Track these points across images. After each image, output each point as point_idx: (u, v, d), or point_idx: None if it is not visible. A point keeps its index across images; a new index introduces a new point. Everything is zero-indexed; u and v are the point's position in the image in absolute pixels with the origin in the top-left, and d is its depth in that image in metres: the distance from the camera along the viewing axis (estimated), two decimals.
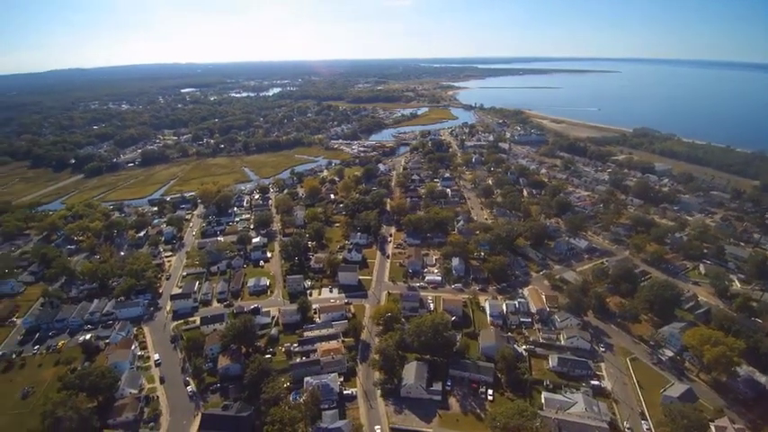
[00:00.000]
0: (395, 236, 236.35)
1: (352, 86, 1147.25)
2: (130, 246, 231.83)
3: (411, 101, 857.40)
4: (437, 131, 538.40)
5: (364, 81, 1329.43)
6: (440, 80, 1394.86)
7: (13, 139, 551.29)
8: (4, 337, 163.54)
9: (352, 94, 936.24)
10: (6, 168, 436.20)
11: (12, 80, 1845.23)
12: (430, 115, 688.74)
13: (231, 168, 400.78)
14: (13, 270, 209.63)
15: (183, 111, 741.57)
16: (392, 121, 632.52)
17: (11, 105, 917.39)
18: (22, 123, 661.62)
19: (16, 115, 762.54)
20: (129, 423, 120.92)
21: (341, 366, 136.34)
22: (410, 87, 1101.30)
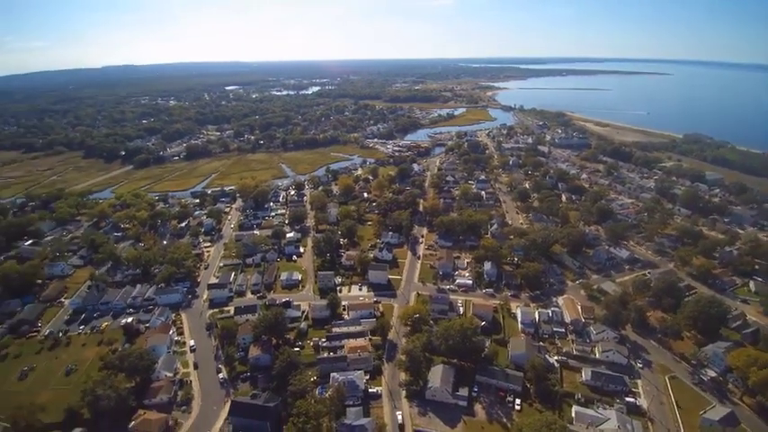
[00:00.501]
0: (426, 237, 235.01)
1: (389, 86, 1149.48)
2: (172, 235, 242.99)
3: (448, 101, 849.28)
4: (474, 133, 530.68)
5: (402, 81, 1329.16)
6: (479, 80, 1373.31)
7: (69, 130, 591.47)
8: (53, 316, 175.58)
9: (389, 94, 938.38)
10: (62, 158, 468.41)
11: (70, 74, 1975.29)
12: (467, 116, 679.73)
13: (269, 164, 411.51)
14: (63, 253, 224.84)
15: (226, 107, 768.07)
16: (428, 121, 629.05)
17: (68, 98, 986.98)
18: (78, 116, 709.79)
19: (73, 107, 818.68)
20: (163, 404, 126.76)
21: (367, 364, 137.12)
22: (448, 87, 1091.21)
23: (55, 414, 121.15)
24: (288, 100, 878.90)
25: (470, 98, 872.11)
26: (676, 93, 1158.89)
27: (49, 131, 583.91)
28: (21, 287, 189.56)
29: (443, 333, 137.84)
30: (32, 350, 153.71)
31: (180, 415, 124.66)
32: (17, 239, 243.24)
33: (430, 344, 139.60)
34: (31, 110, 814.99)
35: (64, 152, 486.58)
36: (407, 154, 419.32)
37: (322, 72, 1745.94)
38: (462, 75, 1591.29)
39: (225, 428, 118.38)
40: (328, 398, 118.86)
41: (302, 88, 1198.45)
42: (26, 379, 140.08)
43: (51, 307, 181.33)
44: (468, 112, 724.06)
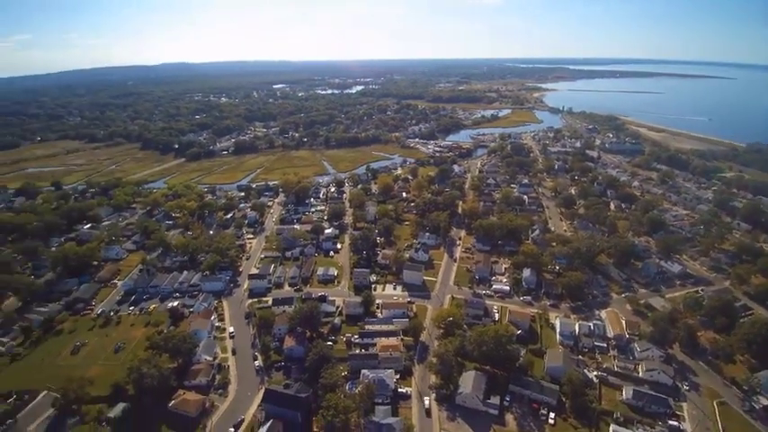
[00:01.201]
0: (464, 239, 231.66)
1: (433, 86, 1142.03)
2: (218, 226, 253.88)
3: (493, 102, 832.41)
4: (518, 135, 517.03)
5: (446, 81, 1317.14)
6: (525, 81, 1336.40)
7: (128, 123, 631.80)
8: (106, 296, 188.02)
9: (432, 94, 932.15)
10: (121, 149, 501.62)
11: (129, 71, 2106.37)
12: (512, 117, 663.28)
13: (312, 161, 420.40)
14: (119, 238, 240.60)
15: (273, 105, 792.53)
16: (471, 122, 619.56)
17: (128, 93, 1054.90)
18: (137, 110, 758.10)
19: (132, 102, 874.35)
20: (201, 386, 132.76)
21: (398, 364, 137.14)
22: (493, 88, 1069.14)
23: (102, 388, 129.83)
24: (332, 99, 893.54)
25: (516, 99, 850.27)
26: (741, 98, 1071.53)
27: (109, 124, 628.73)
28: (78, 267, 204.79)
29: (477, 338, 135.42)
30: (85, 327, 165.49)
31: (216, 398, 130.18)
32: (77, 223, 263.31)
33: (463, 348, 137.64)
34: (93, 103, 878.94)
35: (123, 143, 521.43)
36: (448, 155, 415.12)
37: (366, 71, 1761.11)
38: (509, 75, 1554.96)
39: (258, 414, 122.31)
40: (358, 394, 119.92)
41: (346, 87, 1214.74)
42: (78, 354, 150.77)
43: (105, 287, 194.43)
44: (513, 113, 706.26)
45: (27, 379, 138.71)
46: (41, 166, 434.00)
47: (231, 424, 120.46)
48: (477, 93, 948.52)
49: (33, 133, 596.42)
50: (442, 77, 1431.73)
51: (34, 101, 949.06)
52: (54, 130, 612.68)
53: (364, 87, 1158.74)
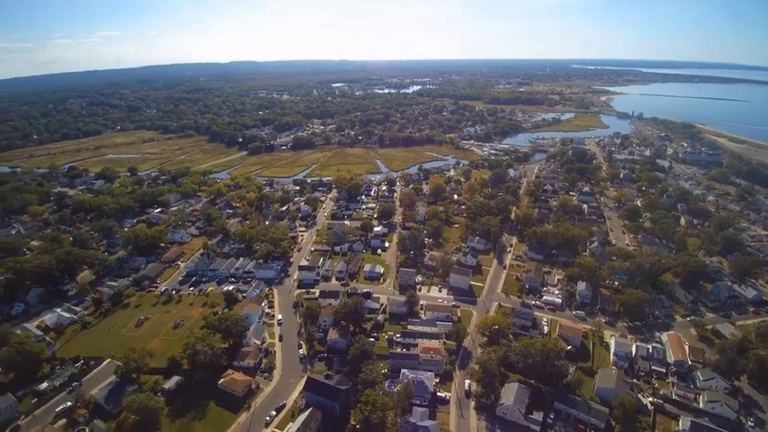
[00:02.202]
0: (515, 247, 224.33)
1: (491, 87, 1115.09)
2: (274, 217, 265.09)
3: (555, 104, 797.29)
4: (581, 140, 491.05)
5: (506, 82, 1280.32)
6: (592, 83, 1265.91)
7: (198, 116, 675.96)
8: (170, 275, 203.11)
9: (490, 95, 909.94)
10: (191, 140, 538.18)
11: (203, 68, 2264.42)
12: (575, 121, 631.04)
13: (365, 159, 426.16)
14: (184, 223, 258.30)
15: (331, 103, 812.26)
16: (530, 125, 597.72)
17: (199, 88, 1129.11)
18: (207, 104, 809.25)
19: (202, 97, 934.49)
20: (249, 368, 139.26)
21: (438, 367, 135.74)
22: (556, 90, 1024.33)
23: (160, 360, 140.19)
24: (388, 98, 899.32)
25: (581, 102, 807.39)
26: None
27: (182, 117, 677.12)
28: (147, 248, 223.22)
29: (523, 350, 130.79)
30: (149, 303, 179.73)
31: (262, 380, 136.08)
32: (149, 207, 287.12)
33: (507, 359, 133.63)
34: (168, 97, 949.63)
35: (193, 135, 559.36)
36: (504, 158, 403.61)
37: (424, 71, 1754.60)
38: (574, 77, 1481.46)
39: (299, 401, 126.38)
40: (396, 393, 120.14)
41: (404, 87, 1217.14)
42: (141, 327, 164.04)
43: (169, 267, 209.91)
44: (577, 117, 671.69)
45: (94, 346, 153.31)
46: (120, 153, 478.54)
47: (273, 407, 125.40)
48: (539, 95, 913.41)
49: (114, 122, 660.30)
50: (501, 78, 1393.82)
51: (117, 93, 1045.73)
52: (133, 121, 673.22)
53: (421, 87, 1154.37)
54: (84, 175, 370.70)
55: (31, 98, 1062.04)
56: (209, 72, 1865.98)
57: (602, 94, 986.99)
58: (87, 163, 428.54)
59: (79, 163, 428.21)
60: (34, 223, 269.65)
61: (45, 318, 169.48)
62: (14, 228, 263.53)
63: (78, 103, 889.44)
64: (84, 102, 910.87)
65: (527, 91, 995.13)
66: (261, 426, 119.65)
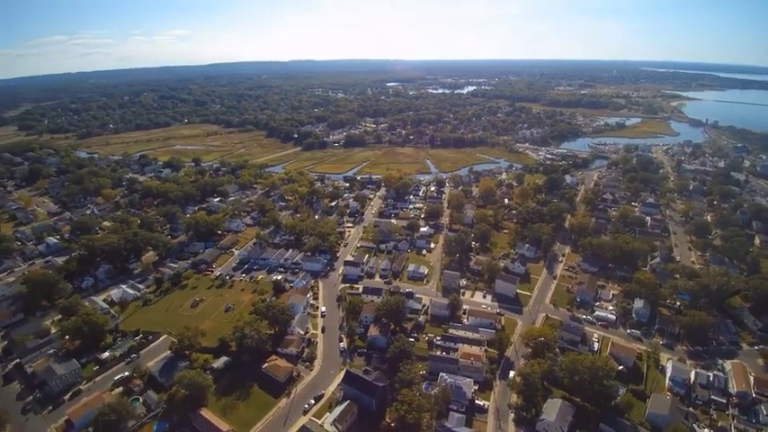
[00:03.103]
0: (568, 257, 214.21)
1: (551, 88, 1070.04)
2: (323, 212, 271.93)
3: (620, 109, 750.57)
4: (647, 147, 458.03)
5: (567, 83, 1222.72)
6: (662, 87, 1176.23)
7: (258, 112, 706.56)
8: (224, 261, 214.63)
9: (549, 97, 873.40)
10: (250, 134, 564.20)
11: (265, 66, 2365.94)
12: (641, 127, 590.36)
13: (415, 159, 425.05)
14: (240, 213, 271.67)
15: (384, 102, 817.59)
16: (592, 129, 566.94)
17: (260, 86, 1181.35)
18: (266, 101, 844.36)
19: (263, 94, 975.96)
20: (291, 356, 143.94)
21: (478, 374, 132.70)
22: (622, 93, 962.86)
23: (211, 340, 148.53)
24: (442, 98, 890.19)
25: (648, 107, 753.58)
26: None
27: (243, 112, 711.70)
28: (205, 234, 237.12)
29: (570, 366, 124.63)
30: (205, 285, 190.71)
31: (303, 369, 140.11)
32: (209, 196, 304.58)
33: (551, 373, 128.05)
34: (232, 93, 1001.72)
35: (252, 130, 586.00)
36: (561, 163, 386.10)
37: (480, 72, 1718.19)
38: (642, 80, 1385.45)
39: (337, 393, 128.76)
40: (434, 395, 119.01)
41: (458, 87, 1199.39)
42: (196, 307, 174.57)
43: (224, 254, 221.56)
44: (644, 123, 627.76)
45: (153, 322, 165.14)
46: (186, 145, 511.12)
47: (312, 396, 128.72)
48: (603, 98, 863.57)
49: (182, 116, 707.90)
50: (562, 80, 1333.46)
51: (186, 88, 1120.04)
52: (199, 115, 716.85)
53: (476, 88, 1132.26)
54: (153, 164, 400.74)
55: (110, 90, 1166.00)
56: (271, 70, 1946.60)
57: (673, 99, 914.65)
58: (156, 152, 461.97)
59: (149, 152, 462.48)
60: (107, 205, 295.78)
61: (111, 292, 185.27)
62: (89, 208, 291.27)
63: (151, 97, 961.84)
64: (156, 95, 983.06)
65: (590, 93, 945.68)
66: (299, 413, 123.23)
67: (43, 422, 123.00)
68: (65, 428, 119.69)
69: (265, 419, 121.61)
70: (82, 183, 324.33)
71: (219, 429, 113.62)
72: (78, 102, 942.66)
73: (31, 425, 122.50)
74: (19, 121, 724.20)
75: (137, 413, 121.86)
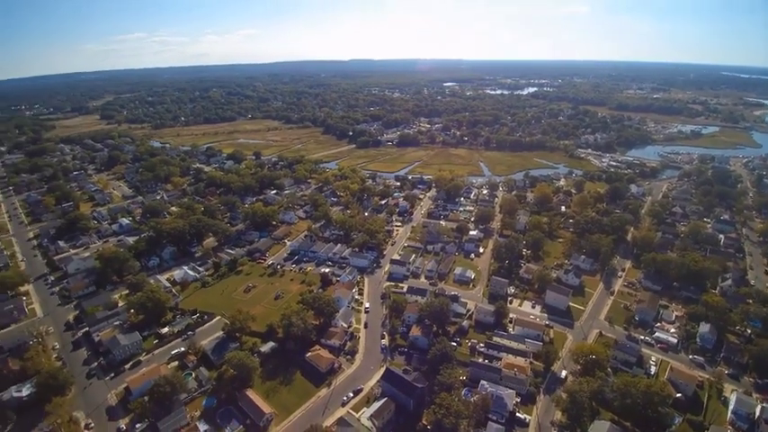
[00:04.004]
0: (628, 272, 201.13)
1: (619, 92, 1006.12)
2: (373, 209, 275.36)
3: (696, 116, 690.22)
4: (725, 159, 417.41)
5: (637, 87, 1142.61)
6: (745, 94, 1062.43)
7: (316, 110, 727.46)
8: (277, 251, 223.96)
9: (617, 100, 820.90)
10: (307, 131, 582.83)
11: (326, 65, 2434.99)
12: (719, 137, 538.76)
13: (468, 160, 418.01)
14: (294, 206, 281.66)
15: (440, 102, 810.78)
16: (663, 137, 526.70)
17: (320, 84, 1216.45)
18: (324, 99, 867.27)
19: (321, 92, 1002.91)
20: (334, 347, 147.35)
21: (521, 386, 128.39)
22: (699, 99, 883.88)
23: (260, 325, 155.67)
24: (500, 99, 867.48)
25: (728, 115, 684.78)
26: None
27: (302, 109, 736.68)
28: (261, 224, 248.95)
29: (622, 388, 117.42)
30: (258, 273, 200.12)
31: (344, 361, 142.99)
32: (267, 188, 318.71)
33: (601, 393, 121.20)
34: (293, 91, 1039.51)
35: (310, 127, 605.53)
36: (626, 171, 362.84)
37: (542, 72, 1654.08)
38: (723, 86, 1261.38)
39: (375, 389, 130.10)
40: (473, 403, 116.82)
41: (518, 88, 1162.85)
42: (249, 293, 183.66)
43: (277, 244, 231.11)
44: (722, 132, 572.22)
45: (209, 303, 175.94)
46: (248, 139, 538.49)
47: (351, 389, 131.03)
48: (677, 103, 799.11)
49: (247, 111, 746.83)
50: (632, 82, 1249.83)
51: (251, 85, 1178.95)
52: (261, 111, 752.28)
53: (537, 89, 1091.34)
54: (218, 155, 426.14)
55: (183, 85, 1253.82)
56: (331, 69, 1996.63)
57: (757, 108, 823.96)
58: (221, 145, 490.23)
59: (215, 144, 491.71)
60: (175, 192, 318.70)
61: (174, 273, 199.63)
62: (159, 194, 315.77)
63: (219, 93, 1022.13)
64: (224, 91, 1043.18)
65: (662, 98, 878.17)
66: (337, 404, 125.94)
67: (104, 387, 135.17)
68: (124, 395, 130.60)
69: (305, 407, 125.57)
70: (154, 170, 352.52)
71: (262, 411, 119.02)
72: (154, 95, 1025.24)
73: (93, 389, 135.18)
74: (101, 110, 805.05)
75: (189, 387, 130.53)
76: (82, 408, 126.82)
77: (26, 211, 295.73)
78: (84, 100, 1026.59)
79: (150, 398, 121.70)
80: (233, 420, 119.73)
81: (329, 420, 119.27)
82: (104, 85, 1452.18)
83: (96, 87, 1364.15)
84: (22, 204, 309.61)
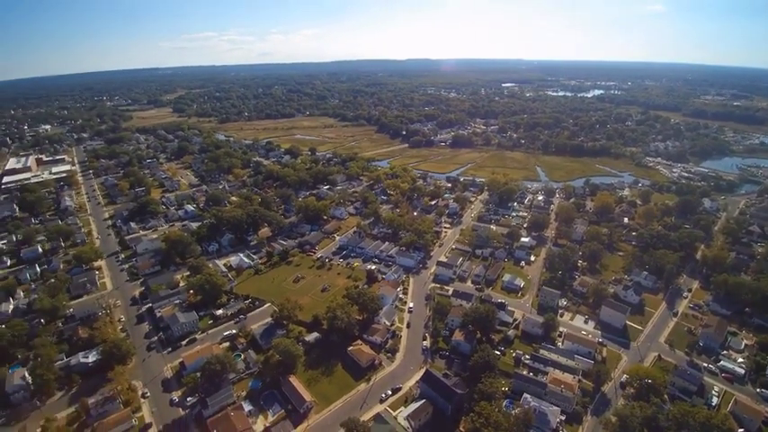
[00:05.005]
0: (695, 293, 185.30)
1: (696, 97, 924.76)
2: (422, 209, 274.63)
3: None
4: None
5: (716, 92, 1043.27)
6: None
7: (371, 108, 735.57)
8: (326, 245, 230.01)
9: (692, 106, 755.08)
10: (361, 129, 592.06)
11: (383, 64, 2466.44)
12: None
13: (524, 164, 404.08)
14: (345, 202, 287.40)
15: (497, 103, 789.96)
16: (743, 148, 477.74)
17: (376, 83, 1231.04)
18: (380, 98, 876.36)
19: (377, 91, 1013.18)
20: (375, 344, 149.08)
21: (567, 404, 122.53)
22: None
23: (306, 315, 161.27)
24: (562, 101, 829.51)
25: None
26: None
27: (358, 107, 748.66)
28: (312, 217, 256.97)
29: (679, 417, 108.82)
30: (307, 265, 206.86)
31: (384, 359, 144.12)
32: (320, 183, 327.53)
33: (655, 421, 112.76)
34: (349, 89, 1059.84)
35: (364, 125, 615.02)
36: (699, 184, 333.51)
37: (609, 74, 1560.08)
38: None
39: (414, 390, 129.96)
40: (514, 416, 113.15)
41: (582, 90, 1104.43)
42: (297, 283, 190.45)
43: (327, 238, 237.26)
44: None
45: (261, 290, 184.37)
46: (305, 135, 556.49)
47: (390, 387, 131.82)
48: (761, 112, 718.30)
49: (305, 108, 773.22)
50: (710, 88, 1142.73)
51: (310, 83, 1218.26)
52: (319, 108, 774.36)
53: (603, 92, 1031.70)
54: (276, 150, 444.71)
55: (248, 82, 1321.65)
56: (388, 68, 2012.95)
57: None
58: (280, 140, 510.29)
59: (274, 139, 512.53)
60: (235, 182, 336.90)
61: (231, 259, 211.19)
62: (222, 184, 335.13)
63: (281, 90, 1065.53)
64: (285, 89, 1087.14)
65: (744, 105, 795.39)
66: (375, 400, 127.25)
67: (161, 360, 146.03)
68: (178, 369, 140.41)
69: (344, 399, 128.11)
70: (218, 161, 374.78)
71: (303, 398, 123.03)
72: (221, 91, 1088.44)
73: (151, 360, 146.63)
74: (173, 104, 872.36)
75: (237, 368, 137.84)
76: (140, 377, 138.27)
77: (103, 194, 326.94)
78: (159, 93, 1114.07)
79: (202, 374, 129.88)
80: (275, 404, 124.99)
81: (366, 415, 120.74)
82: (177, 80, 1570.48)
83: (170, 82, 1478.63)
84: (100, 187, 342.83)
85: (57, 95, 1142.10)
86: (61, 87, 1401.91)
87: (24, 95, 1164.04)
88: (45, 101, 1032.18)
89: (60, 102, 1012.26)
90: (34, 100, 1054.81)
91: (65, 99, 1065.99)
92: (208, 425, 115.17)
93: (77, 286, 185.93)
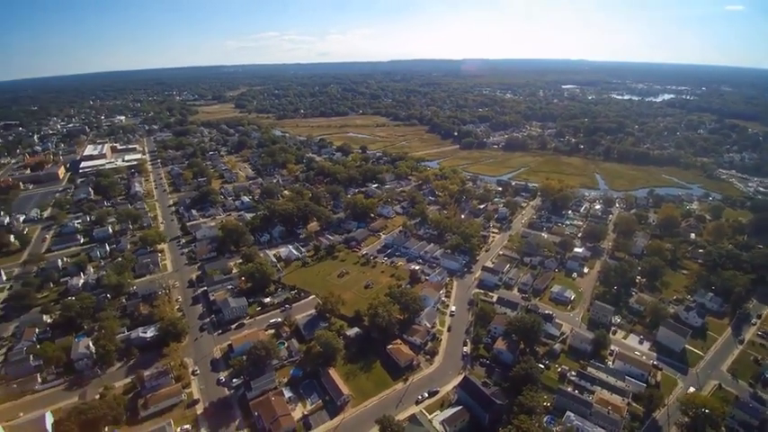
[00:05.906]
0: (765, 320, 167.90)
1: None
2: (470, 212, 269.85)
3: None
4: None
5: None
6: None
7: (424, 108, 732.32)
8: (372, 242, 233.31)
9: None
10: (412, 129, 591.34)
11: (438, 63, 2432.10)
12: None
13: (582, 171, 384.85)
14: (392, 201, 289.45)
15: (556, 106, 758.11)
16: None
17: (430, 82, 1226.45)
18: (433, 98, 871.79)
19: (430, 91, 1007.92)
20: (414, 345, 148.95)
21: (614, 427, 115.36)
22: None
23: (348, 310, 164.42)
24: (627, 105, 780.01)
25: None
26: None
27: (410, 107, 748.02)
28: (360, 215, 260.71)
29: None
30: (352, 261, 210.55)
31: (423, 360, 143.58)
32: (369, 181, 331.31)
33: None
34: (404, 89, 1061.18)
35: (415, 125, 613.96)
36: None
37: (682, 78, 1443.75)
38: None
39: (451, 395, 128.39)
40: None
41: (651, 94, 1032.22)
42: (342, 278, 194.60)
43: (372, 236, 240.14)
44: None
45: (306, 282, 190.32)
46: (357, 133, 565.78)
47: (427, 389, 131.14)
48: None
49: (358, 107, 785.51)
50: None
51: (364, 82, 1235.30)
52: (372, 107, 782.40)
53: (674, 96, 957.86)
54: (328, 147, 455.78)
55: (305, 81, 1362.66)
56: (443, 68, 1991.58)
57: None
58: (333, 137, 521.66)
59: (327, 136, 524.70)
60: (289, 177, 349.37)
61: (280, 250, 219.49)
62: (276, 178, 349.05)
63: (336, 89, 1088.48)
64: (340, 88, 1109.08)
65: None
66: (411, 401, 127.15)
67: (212, 341, 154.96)
68: (227, 351, 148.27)
69: (380, 396, 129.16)
70: (274, 156, 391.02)
71: (341, 391, 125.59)
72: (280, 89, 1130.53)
73: (202, 341, 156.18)
74: (236, 100, 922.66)
75: (281, 355, 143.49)
76: (192, 355, 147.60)
77: (169, 182, 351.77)
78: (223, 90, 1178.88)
79: (248, 358, 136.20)
80: (314, 393, 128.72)
81: (401, 415, 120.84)
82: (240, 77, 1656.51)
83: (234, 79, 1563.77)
84: (167, 175, 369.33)
85: (131, 89, 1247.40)
86: (135, 82, 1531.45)
87: (102, 88, 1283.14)
88: (121, 93, 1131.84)
89: (134, 95, 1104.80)
90: (111, 92, 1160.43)
91: (138, 93, 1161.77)
92: (250, 406, 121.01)
93: (141, 266, 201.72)
